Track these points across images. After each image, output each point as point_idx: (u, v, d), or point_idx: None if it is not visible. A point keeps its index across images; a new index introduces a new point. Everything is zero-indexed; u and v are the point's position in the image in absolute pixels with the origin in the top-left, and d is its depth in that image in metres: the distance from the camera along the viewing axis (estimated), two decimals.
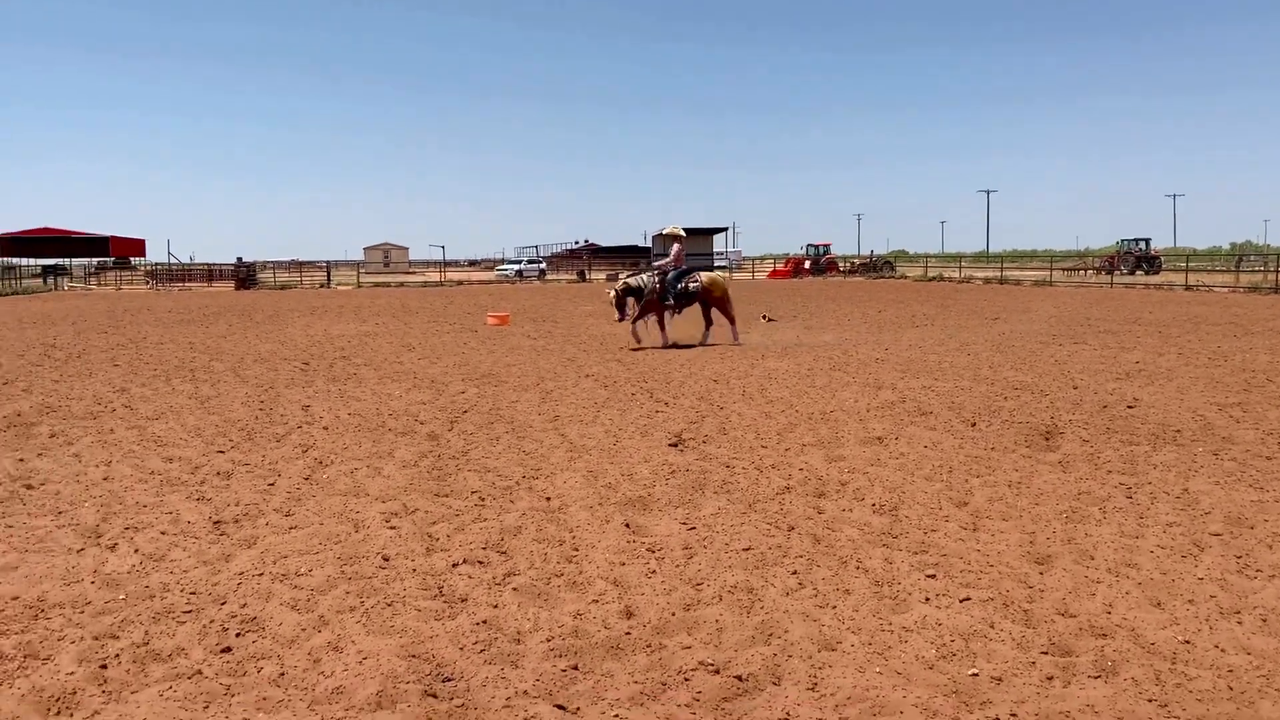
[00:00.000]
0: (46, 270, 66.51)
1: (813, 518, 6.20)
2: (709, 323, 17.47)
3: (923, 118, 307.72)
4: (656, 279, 16.80)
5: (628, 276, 17.38)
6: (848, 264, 65.81)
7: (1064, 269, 56.61)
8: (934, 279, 52.78)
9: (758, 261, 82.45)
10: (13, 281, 56.50)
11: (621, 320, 16.98)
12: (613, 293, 16.86)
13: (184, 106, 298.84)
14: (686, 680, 3.96)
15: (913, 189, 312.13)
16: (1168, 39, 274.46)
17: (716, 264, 67.35)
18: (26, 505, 6.68)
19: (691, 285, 16.92)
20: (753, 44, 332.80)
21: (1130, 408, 9.94)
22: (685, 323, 18.04)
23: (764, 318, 23.55)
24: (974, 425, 9.16)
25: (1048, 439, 8.49)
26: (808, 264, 63.04)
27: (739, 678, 3.97)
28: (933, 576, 5.12)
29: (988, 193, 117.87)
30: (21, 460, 8.06)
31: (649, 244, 70.41)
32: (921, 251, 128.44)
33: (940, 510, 6.36)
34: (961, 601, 4.78)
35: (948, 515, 6.24)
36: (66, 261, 76.74)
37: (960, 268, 60.02)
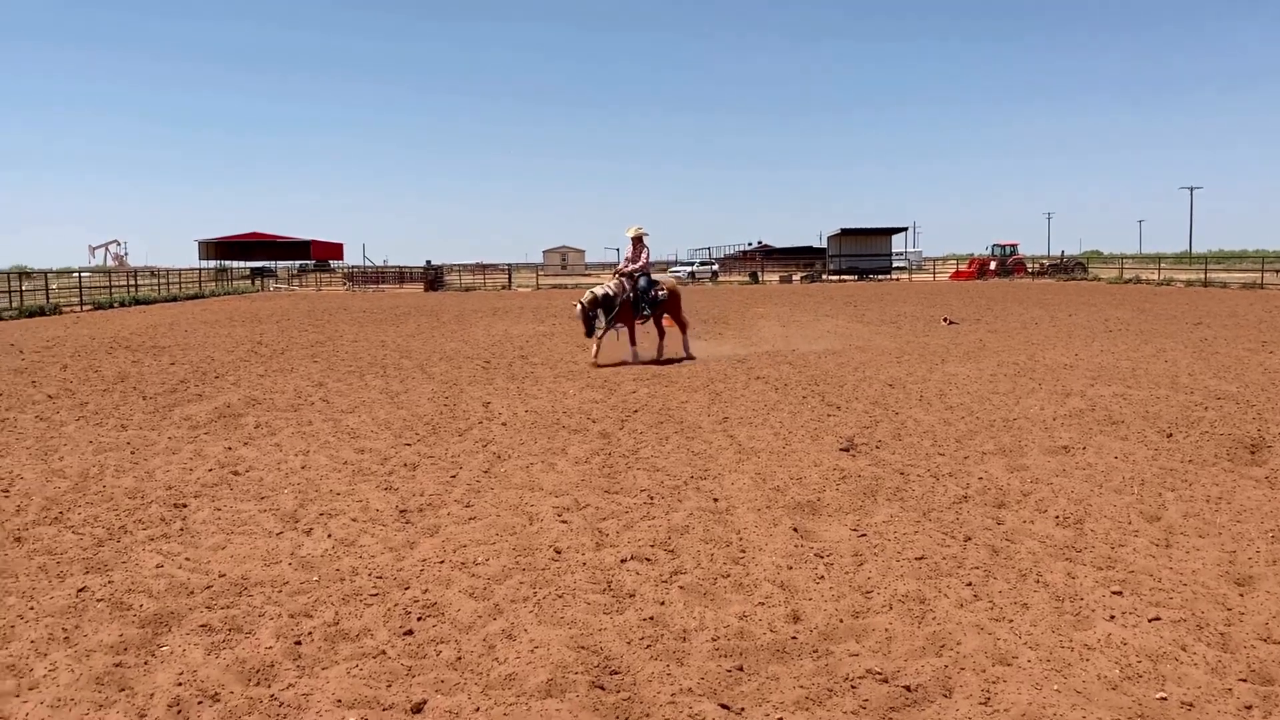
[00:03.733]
0: (255, 272, 71.50)
1: (991, 528, 5.98)
2: (662, 333, 15.98)
3: (1120, 110, 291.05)
4: (628, 287, 15.22)
5: (594, 286, 15.76)
6: (1036, 265, 62.89)
7: (1277, 270, 52.37)
8: (1130, 281, 49.83)
9: (939, 262, 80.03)
10: (225, 282, 61.04)
11: (591, 337, 15.23)
12: (579, 305, 15.13)
13: (380, 121, 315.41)
14: (853, 688, 3.90)
15: (1108, 186, 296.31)
16: None
17: (895, 265, 65.82)
18: (233, 490, 7.21)
19: (660, 293, 15.54)
20: (935, 34, 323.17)
21: None
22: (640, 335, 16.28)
23: (945, 320, 22.86)
24: (1170, 436, 8.62)
25: (1253, 452, 7.89)
26: (993, 265, 60.66)
27: (908, 688, 3.88)
28: (1119, 593, 4.86)
29: (1191, 189, 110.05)
30: (229, 449, 8.70)
31: (824, 244, 69.39)
32: (1116, 252, 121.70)
33: (1130, 524, 6.02)
34: (1150, 621, 4.51)
35: (1138, 530, 5.91)
36: (272, 264, 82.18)
37: (1159, 269, 56.46)
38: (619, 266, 16.04)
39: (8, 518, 6.50)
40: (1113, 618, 4.57)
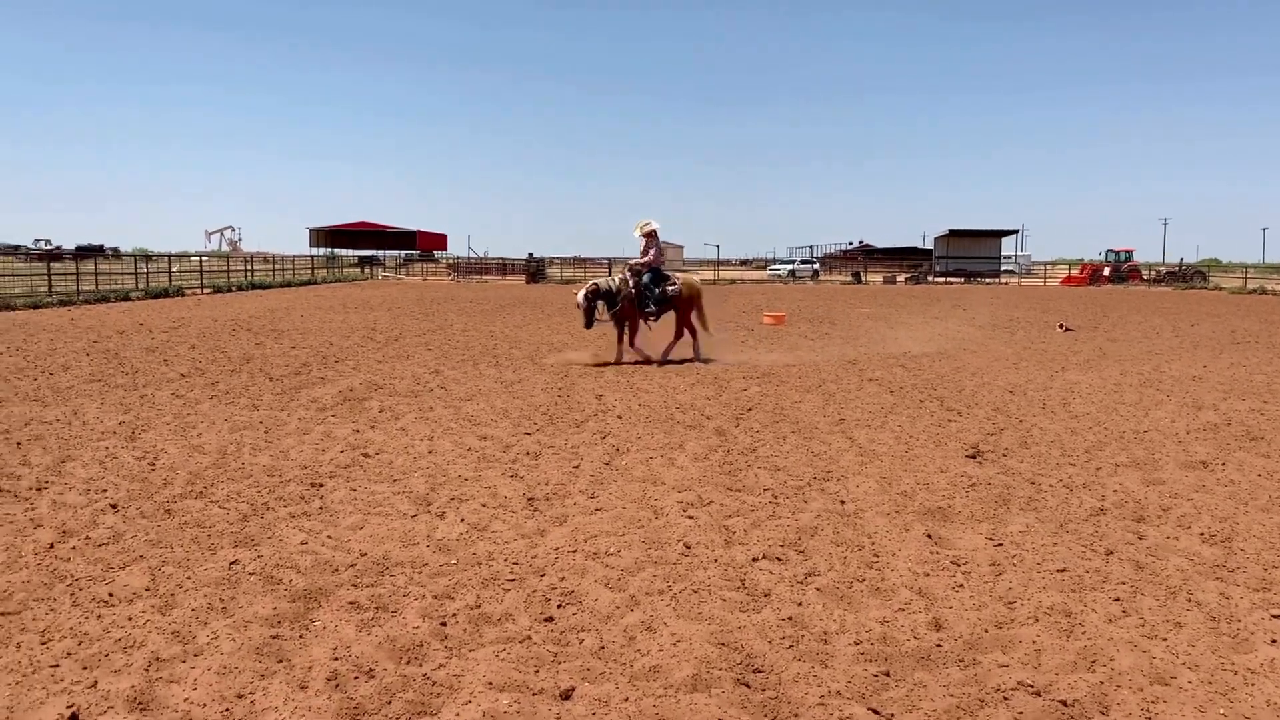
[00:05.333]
0: (363, 260, 73.34)
1: (1133, 543, 5.79)
2: (679, 334, 15.02)
3: (1241, 111, 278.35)
4: (631, 282, 14.59)
5: (597, 279, 15.11)
6: (1152, 272, 60.63)
7: None
8: (1254, 291, 47.68)
9: (1049, 267, 77.68)
10: (335, 270, 62.82)
11: (590, 328, 14.99)
12: (581, 296, 14.63)
13: (484, 115, 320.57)
14: (1005, 699, 3.81)
15: (1228, 192, 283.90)
16: None
17: (1003, 268, 64.18)
18: (366, 472, 7.41)
19: (670, 290, 14.67)
20: (1045, 24, 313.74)
21: None
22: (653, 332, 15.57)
23: (1061, 327, 22.23)
24: None
25: None
26: (1107, 271, 58.69)
27: (1063, 702, 3.78)
28: (1279, 618, 4.66)
29: None
30: (357, 431, 8.94)
31: (929, 245, 68.12)
32: (1237, 261, 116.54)
33: None
34: None
35: None
36: (380, 253, 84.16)
37: None
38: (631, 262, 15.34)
39: (156, 490, 6.80)
40: (1274, 642, 4.38)
